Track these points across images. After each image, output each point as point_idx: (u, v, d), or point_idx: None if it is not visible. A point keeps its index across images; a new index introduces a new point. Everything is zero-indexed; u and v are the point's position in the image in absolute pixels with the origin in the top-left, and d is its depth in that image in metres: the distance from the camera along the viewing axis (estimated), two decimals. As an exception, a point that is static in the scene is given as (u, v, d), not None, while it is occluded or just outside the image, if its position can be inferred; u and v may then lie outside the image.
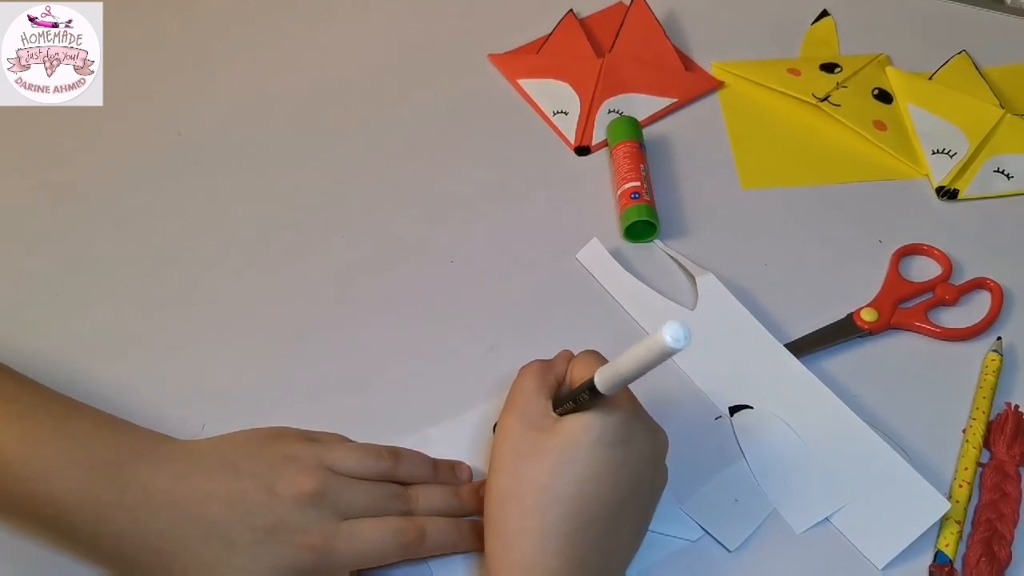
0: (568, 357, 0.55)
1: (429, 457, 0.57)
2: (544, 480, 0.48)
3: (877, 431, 0.59)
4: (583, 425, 0.48)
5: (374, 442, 0.56)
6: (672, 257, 0.69)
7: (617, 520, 0.49)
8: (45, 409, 0.52)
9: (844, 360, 0.64)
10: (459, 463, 0.58)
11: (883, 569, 0.55)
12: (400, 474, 0.54)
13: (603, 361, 0.52)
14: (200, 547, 0.48)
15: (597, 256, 0.69)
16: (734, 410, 0.61)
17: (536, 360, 0.55)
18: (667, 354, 0.43)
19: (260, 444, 0.52)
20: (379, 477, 0.54)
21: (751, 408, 0.61)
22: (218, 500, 0.49)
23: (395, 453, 0.55)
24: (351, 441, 0.56)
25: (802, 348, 0.64)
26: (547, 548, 0.47)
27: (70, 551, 0.53)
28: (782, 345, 0.63)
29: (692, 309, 0.66)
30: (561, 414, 0.51)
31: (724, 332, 0.64)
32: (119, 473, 0.49)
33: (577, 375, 0.52)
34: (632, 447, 0.49)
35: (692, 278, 0.67)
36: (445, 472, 0.57)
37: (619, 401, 0.49)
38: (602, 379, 0.47)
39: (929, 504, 0.56)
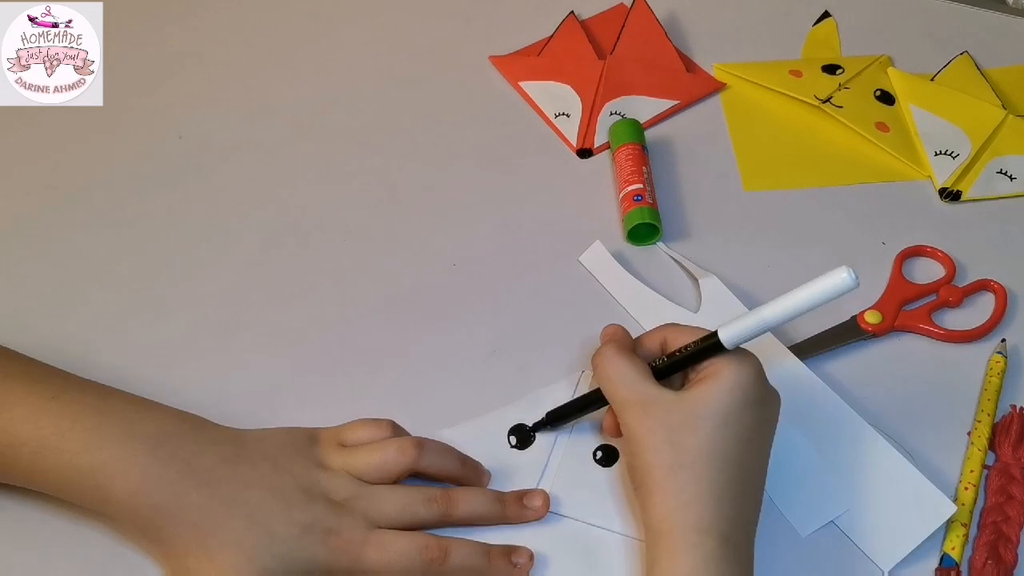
0: (623, 331, 0.57)
1: (454, 450, 0.56)
2: (708, 446, 0.49)
3: (882, 433, 0.59)
4: (726, 387, 0.50)
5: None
6: (675, 259, 0.69)
7: (762, 478, 0.52)
8: (80, 389, 0.53)
9: (848, 362, 0.64)
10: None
11: (889, 572, 0.54)
12: (424, 468, 0.54)
13: (693, 328, 0.54)
14: (241, 528, 0.49)
15: (600, 258, 0.68)
16: None
17: (607, 346, 0.55)
18: (836, 296, 0.47)
19: (298, 447, 0.54)
20: (406, 476, 0.54)
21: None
22: (260, 488, 0.50)
23: (418, 445, 0.55)
24: (381, 441, 0.55)
25: (806, 350, 0.64)
26: (722, 511, 0.49)
27: (107, 523, 0.53)
28: (786, 348, 0.63)
29: (695, 311, 0.66)
30: (661, 373, 0.53)
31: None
32: (161, 447, 0.50)
33: (673, 344, 0.54)
34: (769, 404, 0.53)
35: (695, 280, 0.67)
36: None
37: (748, 359, 0.52)
38: (730, 333, 0.51)
39: (935, 507, 0.56)
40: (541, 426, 0.59)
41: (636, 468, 0.52)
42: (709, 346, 0.52)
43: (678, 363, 0.53)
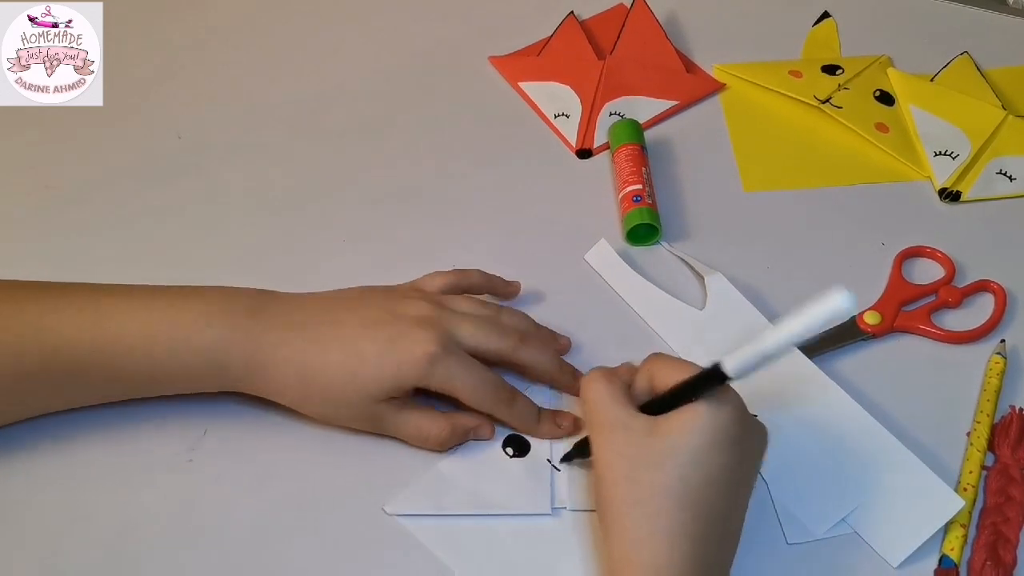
0: (631, 367, 0.56)
1: (533, 320, 0.62)
2: (668, 483, 0.48)
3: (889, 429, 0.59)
4: (698, 428, 0.49)
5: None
6: (680, 257, 0.69)
7: (731, 519, 0.51)
8: (162, 289, 0.56)
9: (848, 363, 0.64)
10: (557, 335, 0.63)
11: (897, 568, 0.55)
12: (503, 322, 0.60)
13: (680, 361, 0.53)
14: (340, 361, 0.54)
15: (605, 257, 0.68)
16: None
17: (595, 369, 0.55)
18: (833, 320, 0.44)
19: (380, 291, 0.60)
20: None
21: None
22: (349, 323, 0.56)
23: (502, 310, 0.61)
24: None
25: (805, 351, 0.63)
26: (676, 549, 0.47)
27: (228, 387, 0.56)
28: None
29: (701, 309, 0.66)
30: (655, 410, 0.51)
31: (734, 331, 0.64)
32: (259, 313, 0.55)
33: (661, 378, 0.52)
34: (745, 446, 0.51)
35: (700, 278, 0.67)
36: (546, 332, 0.62)
37: (728, 400, 0.50)
38: (735, 362, 0.48)
39: (943, 502, 0.56)
40: (569, 458, 0.58)
41: (598, 500, 0.51)
42: (708, 380, 0.49)
43: (672, 400, 0.51)
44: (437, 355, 0.54)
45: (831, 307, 0.43)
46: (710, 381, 0.49)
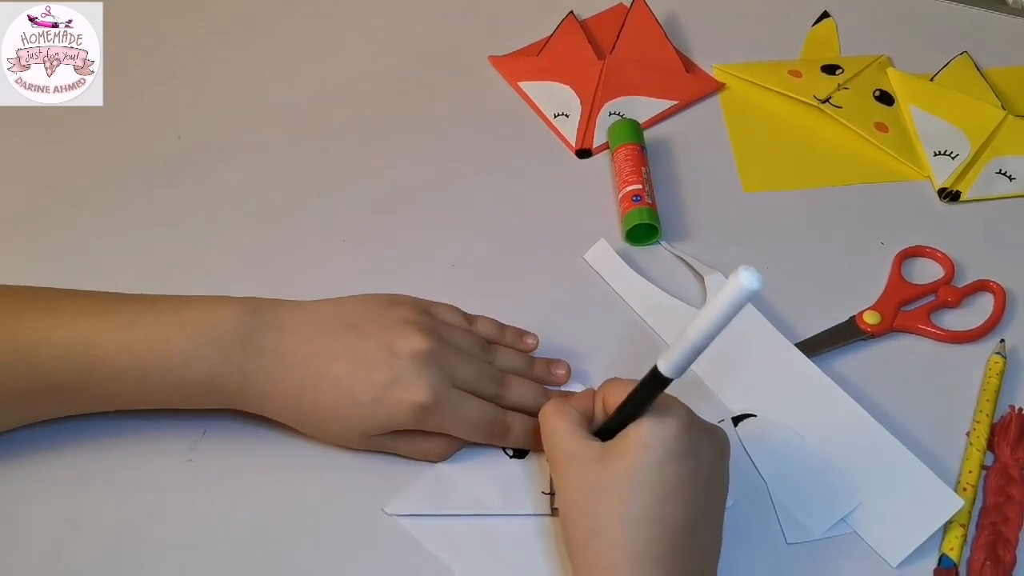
0: (590, 392, 0.55)
1: (528, 356, 0.61)
2: (620, 509, 0.47)
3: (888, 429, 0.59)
4: (643, 445, 0.48)
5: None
6: (679, 257, 0.69)
7: (699, 530, 0.49)
8: (151, 306, 0.55)
9: (847, 363, 0.64)
10: (558, 361, 0.61)
11: (896, 568, 0.55)
12: (499, 364, 0.59)
13: (629, 381, 0.51)
14: (332, 402, 0.54)
15: (605, 257, 0.68)
16: (738, 420, 0.60)
17: (549, 402, 0.54)
18: (744, 301, 0.42)
19: (379, 308, 0.57)
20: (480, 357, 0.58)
21: (755, 416, 0.60)
22: (342, 359, 0.54)
23: (495, 349, 0.60)
24: (459, 310, 0.60)
25: (804, 351, 0.63)
26: (642, 574, 0.47)
27: (225, 407, 0.56)
28: (793, 344, 0.63)
29: (701, 309, 0.66)
30: (610, 432, 0.50)
31: (735, 331, 0.63)
32: (249, 345, 0.54)
33: (612, 400, 0.51)
34: (698, 454, 0.49)
35: (700, 278, 0.67)
36: (540, 368, 0.61)
37: (672, 412, 0.49)
38: (668, 360, 0.46)
39: (943, 501, 0.56)
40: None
41: (564, 535, 0.51)
42: (651, 388, 0.48)
43: (622, 421, 0.50)
44: (429, 407, 0.53)
45: (739, 288, 0.42)
46: (654, 389, 0.48)
